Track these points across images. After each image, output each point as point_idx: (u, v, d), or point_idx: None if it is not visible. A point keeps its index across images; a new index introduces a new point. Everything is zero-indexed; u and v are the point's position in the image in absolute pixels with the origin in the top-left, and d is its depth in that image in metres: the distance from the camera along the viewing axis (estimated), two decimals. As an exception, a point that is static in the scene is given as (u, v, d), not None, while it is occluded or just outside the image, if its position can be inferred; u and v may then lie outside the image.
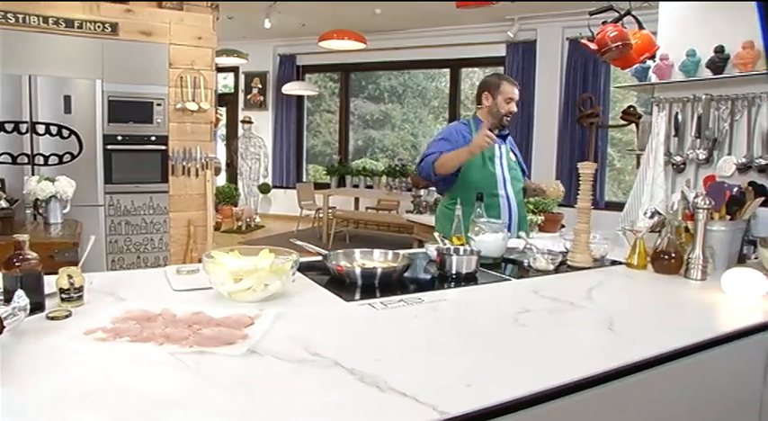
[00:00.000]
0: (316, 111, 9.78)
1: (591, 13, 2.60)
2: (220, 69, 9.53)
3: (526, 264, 1.93)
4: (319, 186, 9.26)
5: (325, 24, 7.37)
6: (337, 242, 7.38)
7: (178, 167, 5.38)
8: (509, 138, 2.95)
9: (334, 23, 7.21)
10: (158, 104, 5.27)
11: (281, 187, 9.54)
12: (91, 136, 5.06)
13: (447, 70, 8.80)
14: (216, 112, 5.69)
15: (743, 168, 2.73)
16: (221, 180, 10.02)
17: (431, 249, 1.89)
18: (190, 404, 0.88)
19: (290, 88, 8.42)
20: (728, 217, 1.95)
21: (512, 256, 2.05)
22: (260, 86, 9.58)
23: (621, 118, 4.74)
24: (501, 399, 0.90)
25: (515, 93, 2.77)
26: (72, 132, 4.89)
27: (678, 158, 3.11)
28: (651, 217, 2.45)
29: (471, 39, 8.04)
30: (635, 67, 3.09)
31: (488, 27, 7.79)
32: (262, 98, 9.58)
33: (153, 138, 5.29)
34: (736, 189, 1.99)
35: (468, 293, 1.61)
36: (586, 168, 1.94)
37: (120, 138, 5.17)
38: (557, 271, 1.87)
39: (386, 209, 7.80)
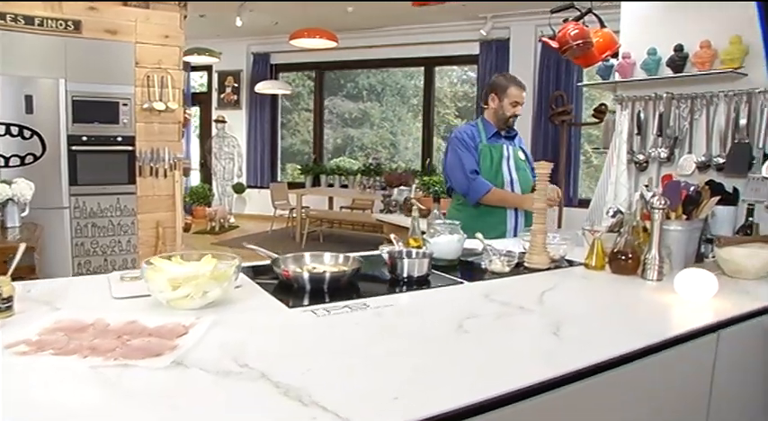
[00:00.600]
0: (294, 109, 9.70)
1: (552, 11, 2.59)
2: (194, 68, 9.44)
3: (483, 267, 1.90)
4: (295, 186, 9.19)
5: (298, 23, 7.30)
6: (311, 242, 7.33)
7: (146, 168, 5.28)
8: (517, 137, 2.96)
9: (306, 22, 7.14)
10: (124, 104, 5.16)
11: (256, 187, 9.45)
12: (54, 137, 4.93)
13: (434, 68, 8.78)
14: (184, 112, 5.60)
15: (702, 167, 2.74)
16: (195, 180, 9.90)
17: (384, 251, 1.85)
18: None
19: (264, 87, 8.33)
20: (685, 216, 1.94)
21: (469, 258, 2.02)
22: (234, 85, 9.47)
23: (593, 115, 4.75)
24: (427, 413, 0.86)
25: (522, 96, 2.77)
26: (34, 133, 4.76)
27: (641, 157, 3.12)
28: (614, 216, 2.44)
29: (445, 37, 8.03)
30: (599, 65, 3.08)
31: (462, 25, 7.78)
32: (235, 97, 9.48)
33: (119, 139, 5.18)
34: (692, 188, 1.98)
35: (418, 298, 1.58)
36: (542, 168, 1.91)
37: (85, 138, 5.05)
38: (513, 273, 1.84)
39: (360, 208, 7.76)
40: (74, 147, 5.02)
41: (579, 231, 2.26)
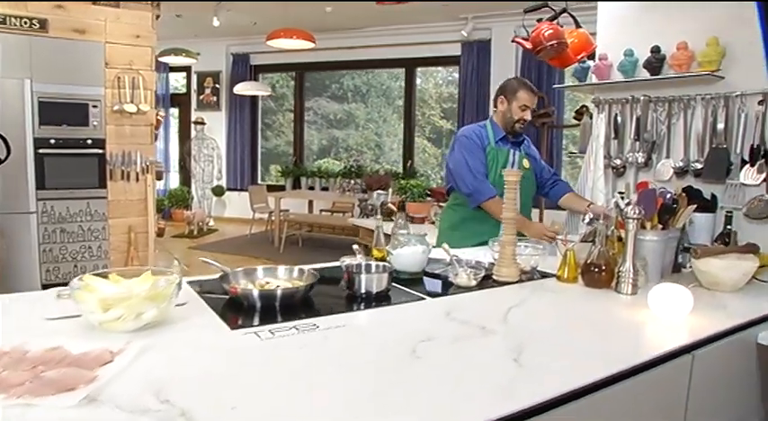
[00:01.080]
0: (278, 110, 9.56)
1: (526, 11, 2.50)
2: (172, 69, 9.27)
3: (450, 280, 1.80)
4: (275, 188, 9.06)
5: (277, 23, 7.15)
6: (290, 246, 7.20)
7: (117, 172, 5.13)
8: (525, 142, 2.83)
9: (286, 22, 7.00)
10: (94, 106, 5.01)
11: (236, 190, 9.30)
12: (20, 139, 4.77)
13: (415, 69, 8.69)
14: (157, 114, 5.45)
15: (680, 172, 2.66)
16: (174, 183, 9.73)
17: (344, 264, 1.74)
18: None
19: (242, 88, 8.18)
20: (661, 226, 1.86)
21: (437, 270, 1.92)
22: (213, 86, 9.31)
23: (574, 118, 4.67)
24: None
25: (532, 101, 2.65)
26: (-2, 135, 4.61)
27: (618, 161, 3.04)
28: (589, 223, 2.36)
29: (426, 38, 7.95)
30: (576, 66, 3.00)
31: (443, 26, 7.70)
32: (215, 98, 9.32)
33: (89, 142, 5.02)
34: (669, 196, 1.90)
35: (373, 317, 1.47)
36: (511, 176, 1.81)
37: (53, 141, 4.89)
38: (480, 286, 1.74)
39: (341, 211, 7.64)
40: (41, 150, 4.85)
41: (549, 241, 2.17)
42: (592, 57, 2.97)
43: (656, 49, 2.67)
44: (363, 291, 1.58)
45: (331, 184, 8.66)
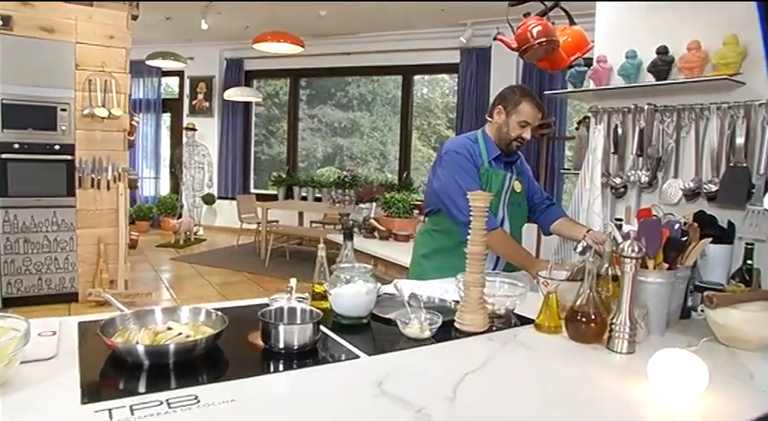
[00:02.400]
0: (282, 117, 9.26)
1: (511, 4, 2.15)
2: (165, 73, 9.00)
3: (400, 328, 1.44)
4: (268, 198, 8.73)
5: (270, 27, 6.86)
6: (277, 259, 6.86)
7: (86, 179, 4.82)
8: (519, 161, 2.37)
9: (279, 26, 6.70)
10: (63, 109, 4.71)
11: (227, 198, 8.97)
12: (-19, 143, 4.47)
13: (417, 77, 8.38)
14: (132, 120, 5.14)
15: (691, 195, 2.29)
16: (165, 190, 9.43)
17: (274, 303, 1.40)
18: None
19: (233, 94, 7.89)
20: (667, 266, 1.49)
21: (390, 313, 1.55)
22: (206, 91, 9.02)
23: (577, 128, 4.29)
24: None
25: (536, 117, 2.18)
26: (-46, 139, 4.31)
27: (617, 180, 2.68)
28: (582, 253, 2.00)
29: (424, 44, 7.62)
30: (571, 71, 2.66)
31: (442, 32, 7.38)
32: (207, 104, 9.03)
33: (57, 147, 4.72)
34: (677, 226, 1.53)
35: (280, 386, 1.12)
36: (478, 200, 1.45)
37: (17, 146, 4.59)
38: (436, 338, 1.39)
39: (332, 223, 7.30)
40: (4, 155, 4.55)
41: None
42: (589, 63, 2.62)
43: (662, 50, 2.30)
44: (281, 345, 1.23)
45: (324, 194, 8.33)
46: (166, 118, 9.49)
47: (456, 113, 7.68)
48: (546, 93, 3.12)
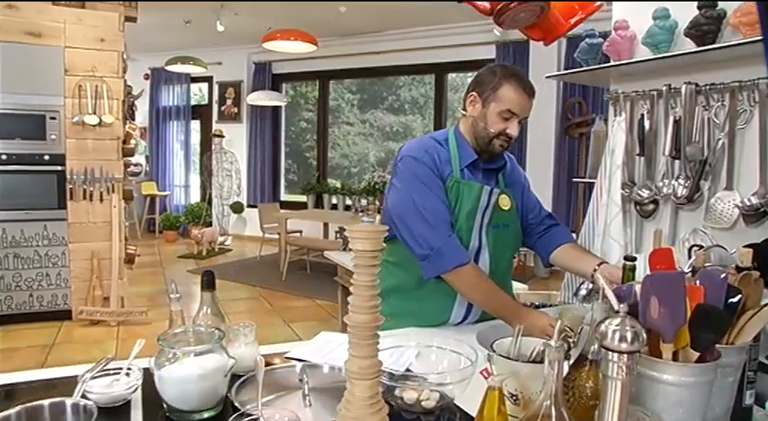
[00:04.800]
0: (334, 123, 8.95)
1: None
2: (194, 79, 8.84)
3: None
4: (296, 206, 8.39)
5: (293, 26, 6.49)
6: (296, 272, 6.46)
7: (78, 191, 4.56)
8: (507, 168, 1.78)
9: (301, 26, 6.30)
10: (52, 117, 4.46)
11: (256, 206, 8.67)
12: (-32, 155, 4.28)
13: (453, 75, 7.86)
14: (127, 126, 4.85)
15: (752, 214, 1.61)
16: (195, 198, 9.26)
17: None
18: None
19: (256, 98, 7.57)
20: (696, 353, 0.91)
21: (247, 407, 1.05)
22: (234, 97, 8.77)
23: (590, 124, 3.59)
24: None
25: (524, 105, 1.60)
26: (-62, 150, 4.13)
27: (644, 193, 2.05)
28: (585, 298, 1.46)
29: (456, 40, 7.06)
30: (581, 45, 2.06)
31: (473, 26, 6.79)
32: (236, 109, 8.77)
33: (46, 158, 4.48)
34: (721, 277, 0.95)
35: None
36: (359, 240, 0.86)
37: (4, 157, 4.37)
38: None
39: (355, 234, 6.81)
40: (-9, 167, 4.36)
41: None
42: (604, 36, 2.02)
43: (709, 4, 1.65)
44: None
45: (354, 202, 7.88)
46: (196, 124, 9.31)
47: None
48: (548, 76, 2.46)
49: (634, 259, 1.43)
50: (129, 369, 1.20)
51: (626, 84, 2.09)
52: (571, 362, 1.02)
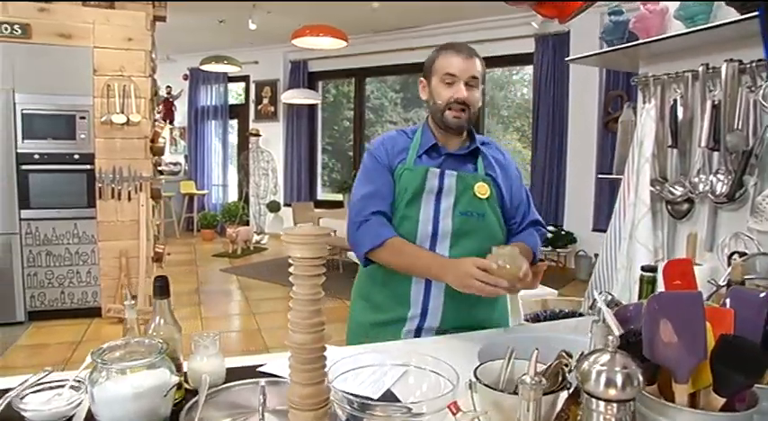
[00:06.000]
0: (377, 121, 8.88)
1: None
2: (231, 79, 8.90)
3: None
4: (332, 204, 8.32)
5: (326, 23, 6.42)
6: (329, 272, 6.27)
7: (107, 190, 4.59)
8: (486, 153, 1.67)
9: (335, 23, 6.23)
10: (82, 117, 4.51)
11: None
12: (2, 155, 4.36)
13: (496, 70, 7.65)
14: (154, 125, 4.86)
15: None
16: (233, 197, 9.32)
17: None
18: None
19: (291, 96, 7.54)
20: (719, 398, 0.74)
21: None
22: (271, 96, 8.78)
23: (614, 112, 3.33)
24: None
25: (463, 65, 1.55)
26: (-23, 151, 4.22)
27: (678, 190, 1.84)
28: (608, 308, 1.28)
29: (493, 34, 6.82)
30: (606, 23, 1.87)
31: (511, 19, 6.56)
32: (272, 108, 8.78)
33: (76, 157, 4.53)
34: (762, 296, 0.77)
35: None
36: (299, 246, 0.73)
37: (37, 156, 4.45)
38: None
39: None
40: (24, 167, 4.43)
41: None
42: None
43: None
44: None
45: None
46: (234, 124, 9.37)
47: (532, 109, 6.83)
48: (567, 59, 2.24)
49: (654, 269, 1.23)
50: (77, 381, 1.10)
51: (656, 65, 1.89)
52: (571, 390, 0.86)
